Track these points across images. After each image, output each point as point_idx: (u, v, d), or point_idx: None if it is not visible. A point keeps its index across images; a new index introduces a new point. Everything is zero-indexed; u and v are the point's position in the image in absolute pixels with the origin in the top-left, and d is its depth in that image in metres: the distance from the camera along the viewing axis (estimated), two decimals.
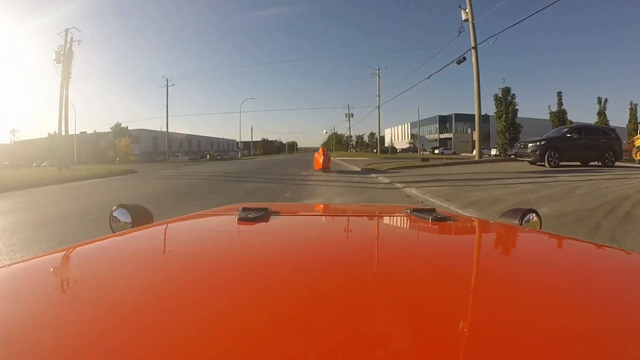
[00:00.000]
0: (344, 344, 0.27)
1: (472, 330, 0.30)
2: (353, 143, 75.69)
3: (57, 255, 0.53)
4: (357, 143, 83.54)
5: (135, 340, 0.28)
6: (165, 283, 0.42)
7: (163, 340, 0.28)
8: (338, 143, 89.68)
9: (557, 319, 0.33)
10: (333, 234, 0.74)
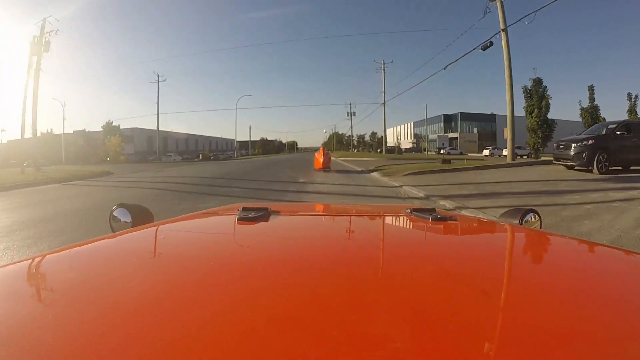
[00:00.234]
0: (345, 344, 0.27)
1: (472, 330, 0.30)
2: (354, 143, 73.53)
3: (57, 255, 0.53)
4: (358, 143, 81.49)
5: (136, 340, 0.28)
6: (166, 283, 0.42)
7: (163, 340, 0.28)
8: (339, 143, 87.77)
9: (557, 319, 0.33)
10: (333, 234, 0.74)
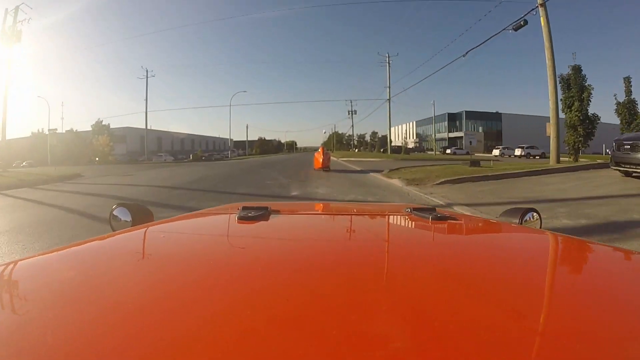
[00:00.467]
0: (345, 344, 0.27)
1: (473, 329, 0.30)
2: (355, 142, 71.69)
3: (57, 254, 0.53)
4: (358, 142, 79.69)
5: (136, 340, 0.28)
6: (166, 282, 0.41)
7: (163, 340, 0.28)
8: (339, 142, 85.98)
9: (557, 318, 0.33)
10: (333, 233, 0.73)
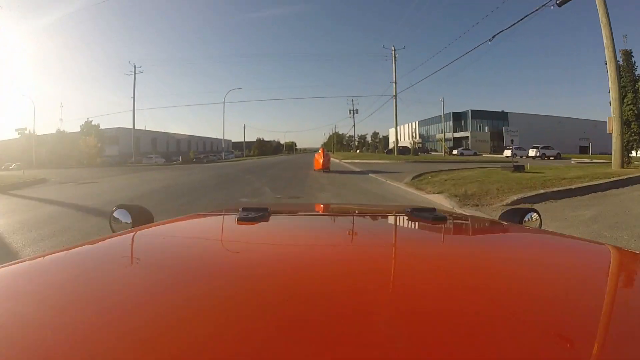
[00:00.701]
0: (347, 345, 0.27)
1: (474, 329, 0.30)
2: (355, 143, 69.90)
3: (57, 255, 0.53)
4: (359, 143, 77.95)
5: (136, 340, 0.28)
6: (166, 283, 0.41)
7: (164, 340, 0.28)
8: (339, 143, 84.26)
9: (557, 318, 0.33)
10: (334, 234, 0.73)
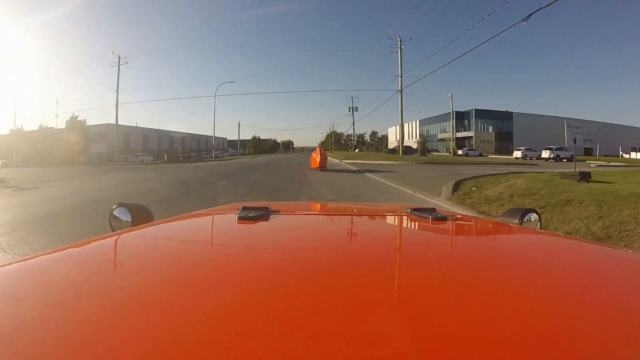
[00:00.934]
0: (344, 344, 0.27)
1: (473, 330, 0.30)
2: (354, 142, 68.04)
3: (57, 254, 0.53)
4: (358, 142, 76.09)
5: (136, 340, 0.28)
6: (166, 282, 0.41)
7: (164, 339, 0.28)
8: (336, 142, 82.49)
9: (557, 319, 0.33)
10: (334, 234, 0.73)
